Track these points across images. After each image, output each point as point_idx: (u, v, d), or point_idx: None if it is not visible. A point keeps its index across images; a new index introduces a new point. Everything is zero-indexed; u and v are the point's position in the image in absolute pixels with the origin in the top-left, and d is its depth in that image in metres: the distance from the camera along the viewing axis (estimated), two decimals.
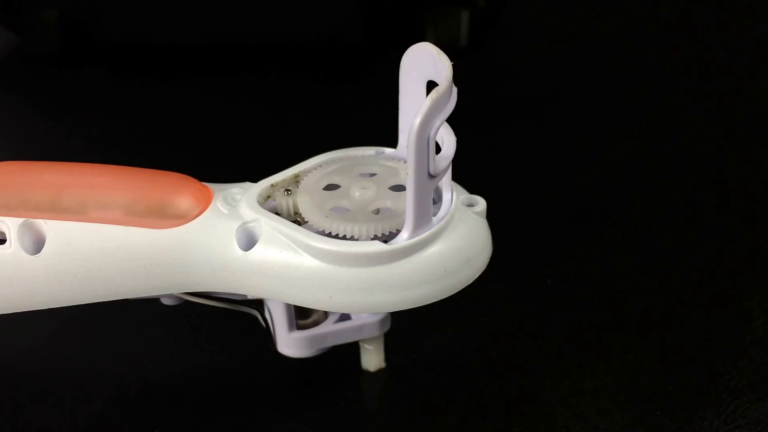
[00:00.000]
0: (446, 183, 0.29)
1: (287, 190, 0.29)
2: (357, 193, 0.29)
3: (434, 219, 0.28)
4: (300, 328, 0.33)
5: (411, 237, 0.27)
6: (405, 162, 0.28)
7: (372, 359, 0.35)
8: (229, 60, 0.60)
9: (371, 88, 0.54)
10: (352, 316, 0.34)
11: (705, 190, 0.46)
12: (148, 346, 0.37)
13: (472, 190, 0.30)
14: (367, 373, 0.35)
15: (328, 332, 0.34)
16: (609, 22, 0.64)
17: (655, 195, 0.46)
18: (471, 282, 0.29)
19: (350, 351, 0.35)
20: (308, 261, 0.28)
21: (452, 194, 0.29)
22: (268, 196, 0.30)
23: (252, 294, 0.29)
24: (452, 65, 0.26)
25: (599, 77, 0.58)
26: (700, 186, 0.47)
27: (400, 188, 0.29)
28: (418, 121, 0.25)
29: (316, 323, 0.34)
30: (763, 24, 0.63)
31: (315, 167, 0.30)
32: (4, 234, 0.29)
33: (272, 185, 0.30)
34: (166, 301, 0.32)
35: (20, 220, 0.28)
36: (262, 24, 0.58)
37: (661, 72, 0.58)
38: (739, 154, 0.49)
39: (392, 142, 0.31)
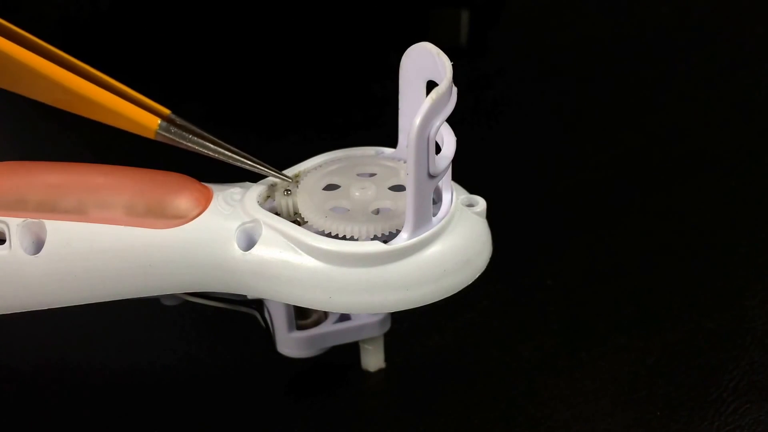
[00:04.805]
0: (446, 183, 0.29)
1: (287, 190, 0.29)
2: (357, 193, 0.29)
3: (434, 219, 0.28)
4: (300, 328, 0.33)
5: (411, 237, 0.27)
6: (405, 162, 0.28)
7: (372, 359, 0.35)
8: (228, 59, 0.60)
9: (371, 89, 0.54)
10: (352, 317, 0.34)
11: (705, 189, 0.46)
12: (147, 346, 0.37)
13: (472, 190, 0.30)
14: (367, 373, 0.35)
15: (328, 332, 0.34)
16: (610, 21, 0.64)
17: (655, 195, 0.46)
18: (471, 282, 0.29)
19: (350, 351, 0.35)
20: (308, 261, 0.28)
21: (452, 194, 0.29)
22: (268, 196, 0.30)
23: (252, 294, 0.29)
24: (452, 65, 0.26)
25: (600, 77, 0.58)
26: (700, 186, 0.47)
27: (399, 188, 0.29)
28: (418, 121, 0.25)
29: (316, 323, 0.34)
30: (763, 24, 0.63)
31: (315, 167, 0.30)
32: (3, 234, 0.28)
33: (272, 185, 0.30)
34: (166, 301, 0.32)
35: (20, 220, 0.28)
36: (262, 23, 0.59)
37: (663, 71, 0.58)
38: (739, 154, 0.49)
39: (392, 142, 0.31)
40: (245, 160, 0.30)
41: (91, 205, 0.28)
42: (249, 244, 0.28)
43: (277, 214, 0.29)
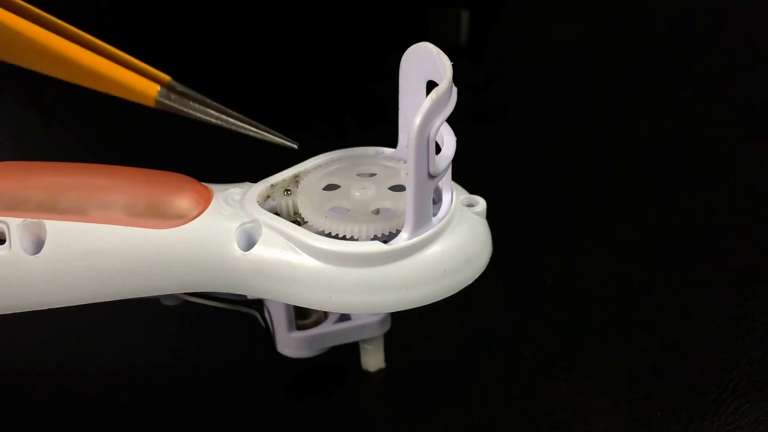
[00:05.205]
0: (446, 183, 0.29)
1: (287, 191, 0.29)
2: (357, 194, 0.29)
3: (434, 219, 0.28)
4: (300, 328, 0.33)
5: (411, 237, 0.27)
6: (405, 162, 0.28)
7: (372, 359, 0.35)
8: (228, 60, 0.60)
9: (371, 89, 0.54)
10: (352, 316, 0.34)
11: (705, 189, 0.46)
12: (147, 346, 0.37)
13: (472, 190, 0.30)
14: (367, 373, 0.35)
15: (328, 332, 0.34)
16: (609, 21, 0.64)
17: (656, 195, 0.46)
18: (471, 282, 0.29)
19: (350, 351, 0.35)
20: (308, 261, 0.28)
21: (452, 194, 0.29)
22: (268, 196, 0.30)
23: (252, 294, 0.29)
24: (452, 65, 0.26)
25: (600, 77, 0.58)
26: (700, 186, 0.47)
27: (399, 188, 0.29)
28: (418, 121, 0.25)
29: (316, 323, 0.34)
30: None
31: (315, 167, 0.30)
32: (3, 234, 0.28)
33: (272, 185, 0.30)
34: (166, 301, 0.32)
35: (20, 220, 0.28)
36: (261, 23, 0.58)
37: (662, 71, 0.58)
38: (739, 154, 0.49)
39: (392, 142, 0.31)
40: (249, 126, 0.29)
41: (91, 205, 0.28)
42: (249, 244, 0.28)
43: (277, 214, 0.29)
